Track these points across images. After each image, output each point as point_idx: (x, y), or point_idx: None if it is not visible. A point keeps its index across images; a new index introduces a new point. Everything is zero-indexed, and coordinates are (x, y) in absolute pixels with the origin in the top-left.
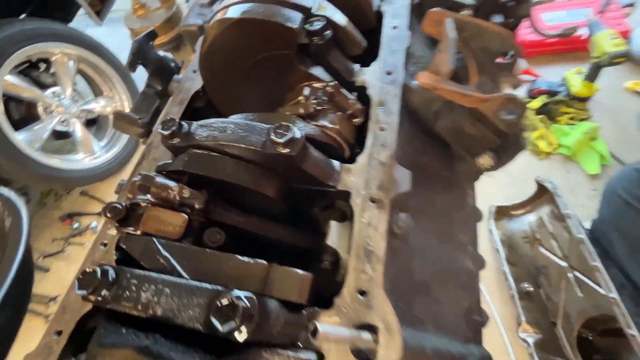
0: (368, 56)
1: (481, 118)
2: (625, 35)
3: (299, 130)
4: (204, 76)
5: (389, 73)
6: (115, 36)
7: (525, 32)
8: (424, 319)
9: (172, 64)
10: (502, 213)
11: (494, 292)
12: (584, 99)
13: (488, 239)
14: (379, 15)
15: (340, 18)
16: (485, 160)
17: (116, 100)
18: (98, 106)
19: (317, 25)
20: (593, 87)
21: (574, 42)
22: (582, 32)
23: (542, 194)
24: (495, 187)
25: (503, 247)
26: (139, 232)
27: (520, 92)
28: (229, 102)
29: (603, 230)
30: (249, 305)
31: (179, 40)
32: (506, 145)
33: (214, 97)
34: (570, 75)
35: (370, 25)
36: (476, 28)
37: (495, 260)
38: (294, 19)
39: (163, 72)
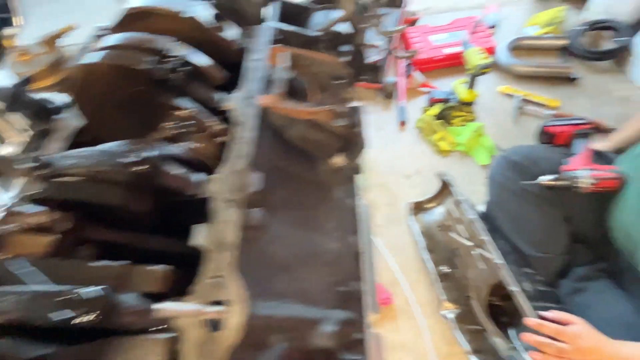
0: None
1: (320, 126)
2: (492, 50)
3: (152, 150)
4: (83, 113)
5: (249, 98)
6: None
7: (419, 53)
8: (284, 293)
9: (53, 105)
10: (419, 208)
11: (419, 279)
12: (469, 104)
13: (409, 232)
14: (243, 51)
15: (196, 57)
16: (338, 160)
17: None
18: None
19: (172, 64)
20: (474, 93)
21: (458, 57)
22: (461, 50)
23: (446, 186)
24: (409, 187)
25: (422, 238)
26: (8, 257)
27: (422, 101)
28: (110, 134)
29: (491, 210)
30: (89, 297)
31: (67, 82)
32: (350, 145)
33: (96, 131)
34: (457, 85)
35: (234, 60)
36: (310, 59)
37: (417, 250)
38: (147, 61)
39: (43, 113)
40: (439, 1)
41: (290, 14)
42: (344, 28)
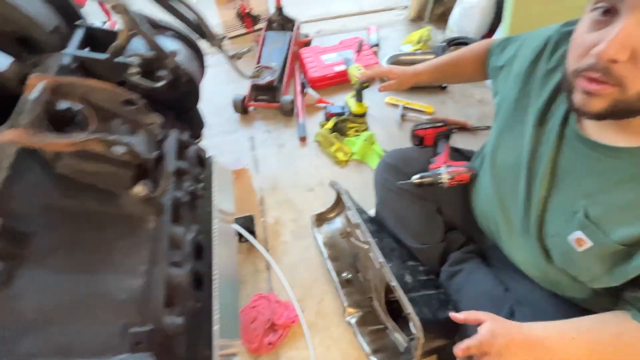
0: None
1: (98, 157)
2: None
3: None
4: None
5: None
6: None
7: (313, 71)
8: (38, 353)
9: None
10: (321, 219)
11: (327, 290)
12: (361, 115)
13: (316, 244)
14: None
15: None
16: (138, 189)
17: None
18: None
19: None
20: (363, 105)
21: (347, 74)
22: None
23: (340, 195)
24: (313, 199)
25: (325, 248)
26: None
27: (320, 116)
28: None
29: (379, 211)
30: None
31: None
32: (152, 173)
33: None
34: (348, 99)
35: (15, 92)
36: (85, 86)
37: (318, 258)
38: None
39: None
40: (329, 24)
41: (101, 41)
42: (152, 53)
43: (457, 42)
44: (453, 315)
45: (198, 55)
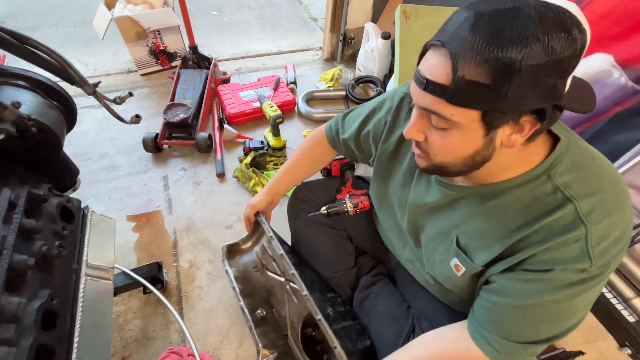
0: None
1: None
2: (293, 102)
3: None
4: None
5: None
6: None
7: (231, 108)
8: None
9: None
10: (234, 251)
11: (245, 332)
12: (280, 149)
13: (227, 279)
14: None
15: None
16: None
17: None
18: None
19: None
20: (281, 139)
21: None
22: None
23: (259, 225)
24: (230, 237)
25: (237, 283)
26: None
27: (239, 152)
28: None
29: (295, 242)
30: None
31: None
32: None
33: None
34: (266, 134)
35: None
36: None
37: (234, 298)
38: None
39: None
40: (249, 62)
41: None
42: None
43: (364, 81)
44: None
45: (63, 102)
